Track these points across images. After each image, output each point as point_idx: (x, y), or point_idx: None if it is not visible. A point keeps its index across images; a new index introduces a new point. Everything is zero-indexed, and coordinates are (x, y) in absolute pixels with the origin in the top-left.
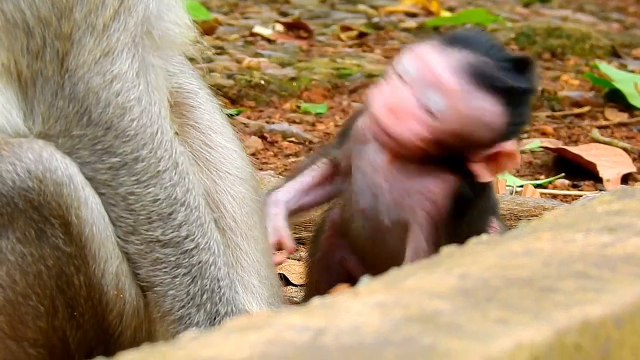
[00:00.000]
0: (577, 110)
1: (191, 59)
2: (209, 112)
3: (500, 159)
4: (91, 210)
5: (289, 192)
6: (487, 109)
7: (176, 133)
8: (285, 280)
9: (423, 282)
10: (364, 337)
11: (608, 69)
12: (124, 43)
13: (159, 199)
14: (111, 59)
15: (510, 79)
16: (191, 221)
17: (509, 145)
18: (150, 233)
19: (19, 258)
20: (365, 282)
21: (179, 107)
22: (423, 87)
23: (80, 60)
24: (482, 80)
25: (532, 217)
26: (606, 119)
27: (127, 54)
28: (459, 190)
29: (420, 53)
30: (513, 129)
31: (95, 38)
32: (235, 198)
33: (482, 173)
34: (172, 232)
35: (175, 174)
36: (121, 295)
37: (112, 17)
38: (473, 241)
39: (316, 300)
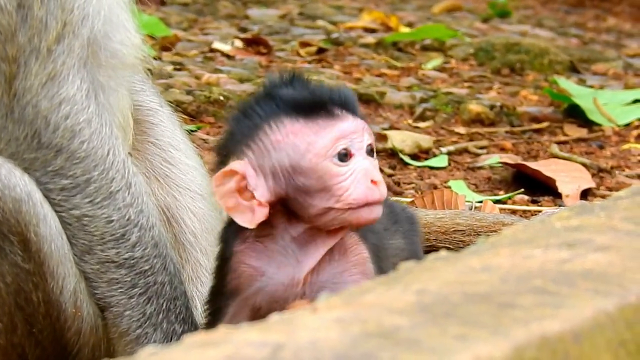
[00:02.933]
0: (536, 126)
1: (149, 75)
2: (170, 129)
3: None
4: (50, 227)
5: None
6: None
7: (130, 154)
8: None
9: (382, 298)
10: (323, 353)
11: (567, 84)
12: (70, 65)
13: (113, 220)
14: (58, 82)
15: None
16: (145, 242)
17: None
18: (105, 254)
19: None
20: (324, 298)
21: (139, 124)
22: (361, 145)
23: (28, 84)
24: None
25: (491, 232)
26: (565, 135)
27: (75, 77)
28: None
29: None
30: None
31: (41, 62)
32: (196, 214)
33: None
34: (126, 253)
35: (128, 194)
36: (79, 313)
37: (55, 40)
38: (431, 257)
39: (275, 316)
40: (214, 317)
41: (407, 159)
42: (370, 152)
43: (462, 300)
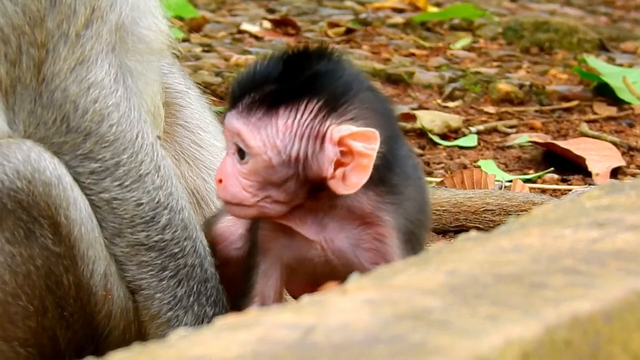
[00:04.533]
0: (565, 105)
1: (177, 58)
2: (198, 111)
3: (344, 153)
4: (80, 210)
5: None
6: (283, 120)
7: (158, 137)
8: None
9: (412, 279)
10: (354, 335)
11: (596, 62)
12: (98, 50)
13: (142, 203)
14: (86, 66)
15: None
16: (175, 224)
17: (336, 133)
18: (135, 236)
19: (8, 258)
20: (354, 279)
21: (168, 107)
22: (230, 145)
23: (56, 69)
24: (259, 99)
25: (521, 212)
26: (595, 113)
27: (103, 61)
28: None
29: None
30: (326, 116)
31: (69, 47)
32: None
33: (336, 185)
34: (156, 235)
35: (157, 177)
36: (109, 296)
37: (84, 25)
38: (461, 237)
39: (306, 298)
40: (248, 277)
41: (436, 139)
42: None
43: (492, 280)
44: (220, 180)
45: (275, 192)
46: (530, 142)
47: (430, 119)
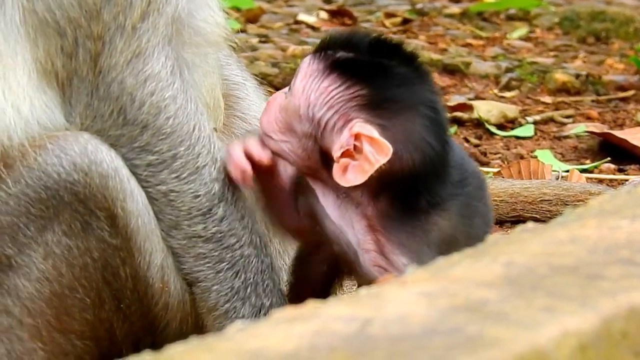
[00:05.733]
0: (622, 94)
1: (234, 50)
2: (256, 103)
3: (357, 149)
4: (136, 202)
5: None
6: (327, 83)
7: (215, 128)
8: None
9: (469, 271)
10: (411, 327)
11: None
12: (155, 43)
13: (199, 195)
14: (143, 59)
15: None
16: (232, 215)
17: (357, 127)
18: (192, 228)
19: (65, 251)
20: (411, 271)
21: (225, 98)
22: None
23: (113, 61)
24: (329, 56)
25: (578, 202)
26: None
27: (160, 54)
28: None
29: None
30: (362, 107)
31: (126, 39)
32: None
33: (335, 170)
34: (213, 227)
35: (214, 169)
36: (166, 288)
37: (140, 18)
38: (518, 229)
39: (363, 290)
40: None
41: (493, 129)
42: None
43: (549, 272)
44: (269, 103)
45: (294, 142)
46: (587, 132)
47: (487, 109)
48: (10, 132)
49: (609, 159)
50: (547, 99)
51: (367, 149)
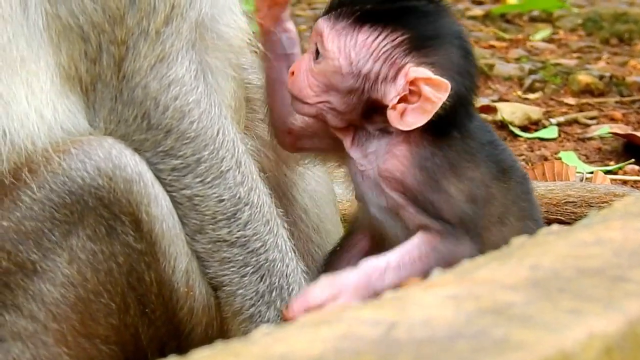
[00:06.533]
0: None
1: (257, 54)
2: None
3: (412, 92)
4: (161, 207)
5: None
6: (364, 37)
7: (240, 132)
8: None
9: (495, 274)
10: (436, 330)
11: None
12: (179, 47)
13: (224, 199)
14: (167, 63)
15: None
16: (256, 219)
17: (412, 72)
18: (217, 233)
19: (90, 256)
20: (437, 274)
21: (249, 102)
22: (312, 45)
23: (137, 66)
24: (350, 12)
25: (603, 203)
26: None
27: (184, 58)
28: (419, 157)
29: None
30: (408, 51)
31: (149, 44)
32: (305, 190)
33: (393, 117)
34: (238, 232)
35: (238, 173)
36: (191, 293)
37: (164, 22)
38: (543, 231)
39: (388, 293)
40: None
41: (517, 131)
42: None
43: (574, 274)
44: (293, 73)
45: (335, 100)
46: (611, 133)
47: (510, 111)
48: (33, 137)
49: (633, 160)
50: (571, 101)
51: (426, 90)
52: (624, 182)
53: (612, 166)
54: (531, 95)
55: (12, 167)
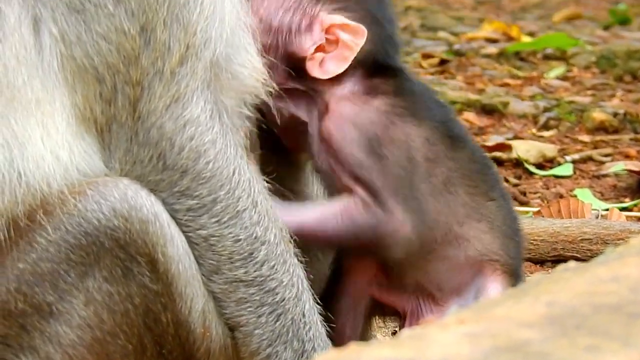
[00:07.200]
0: None
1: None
2: None
3: (329, 41)
4: (177, 247)
5: None
6: None
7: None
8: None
9: (511, 311)
10: None
11: None
12: (194, 87)
13: (240, 239)
14: (182, 103)
15: None
16: (273, 258)
17: (328, 20)
18: (233, 273)
19: (106, 297)
20: (454, 312)
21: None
22: None
23: (152, 106)
24: None
25: (619, 240)
26: None
27: (199, 98)
28: (353, 114)
29: None
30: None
31: (164, 84)
32: None
33: (312, 67)
34: (254, 272)
35: (254, 212)
36: (208, 333)
37: (179, 62)
38: (560, 268)
39: (406, 332)
40: None
41: (532, 169)
42: None
43: (591, 311)
44: None
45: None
46: (626, 170)
47: (525, 149)
48: (49, 178)
49: None
50: (586, 138)
51: (343, 37)
52: (639, 219)
53: (628, 203)
54: (546, 133)
55: (27, 209)
